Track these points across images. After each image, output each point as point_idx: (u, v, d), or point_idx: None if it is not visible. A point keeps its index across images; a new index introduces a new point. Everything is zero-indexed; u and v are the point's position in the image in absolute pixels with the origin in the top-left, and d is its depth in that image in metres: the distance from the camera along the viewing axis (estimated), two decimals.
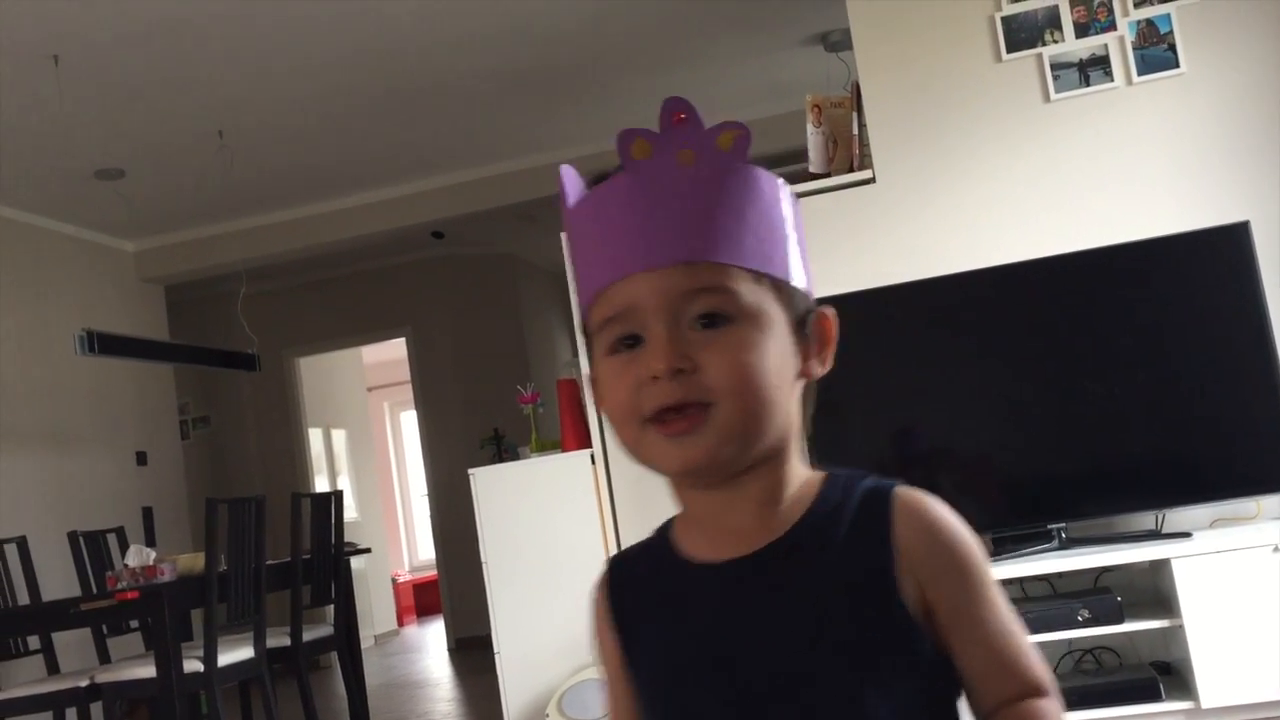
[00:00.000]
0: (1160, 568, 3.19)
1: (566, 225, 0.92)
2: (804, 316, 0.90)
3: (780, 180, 0.90)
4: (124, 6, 4.23)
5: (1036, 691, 0.84)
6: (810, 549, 0.85)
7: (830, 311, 0.92)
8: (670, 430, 0.84)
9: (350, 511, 8.95)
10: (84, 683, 4.15)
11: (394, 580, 10.56)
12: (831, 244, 3.80)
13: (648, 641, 0.91)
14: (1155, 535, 3.29)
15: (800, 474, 0.91)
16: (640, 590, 0.94)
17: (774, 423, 0.85)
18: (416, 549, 12.95)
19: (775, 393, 0.85)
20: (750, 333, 0.84)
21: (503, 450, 6.17)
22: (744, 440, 0.84)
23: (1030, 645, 0.86)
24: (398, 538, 12.75)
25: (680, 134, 0.86)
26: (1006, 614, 0.86)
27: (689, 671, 0.87)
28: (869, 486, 0.89)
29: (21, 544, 4.90)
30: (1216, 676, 3.03)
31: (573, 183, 0.92)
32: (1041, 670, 0.85)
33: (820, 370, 0.91)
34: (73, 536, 5.09)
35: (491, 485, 4.26)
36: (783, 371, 0.86)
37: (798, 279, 0.90)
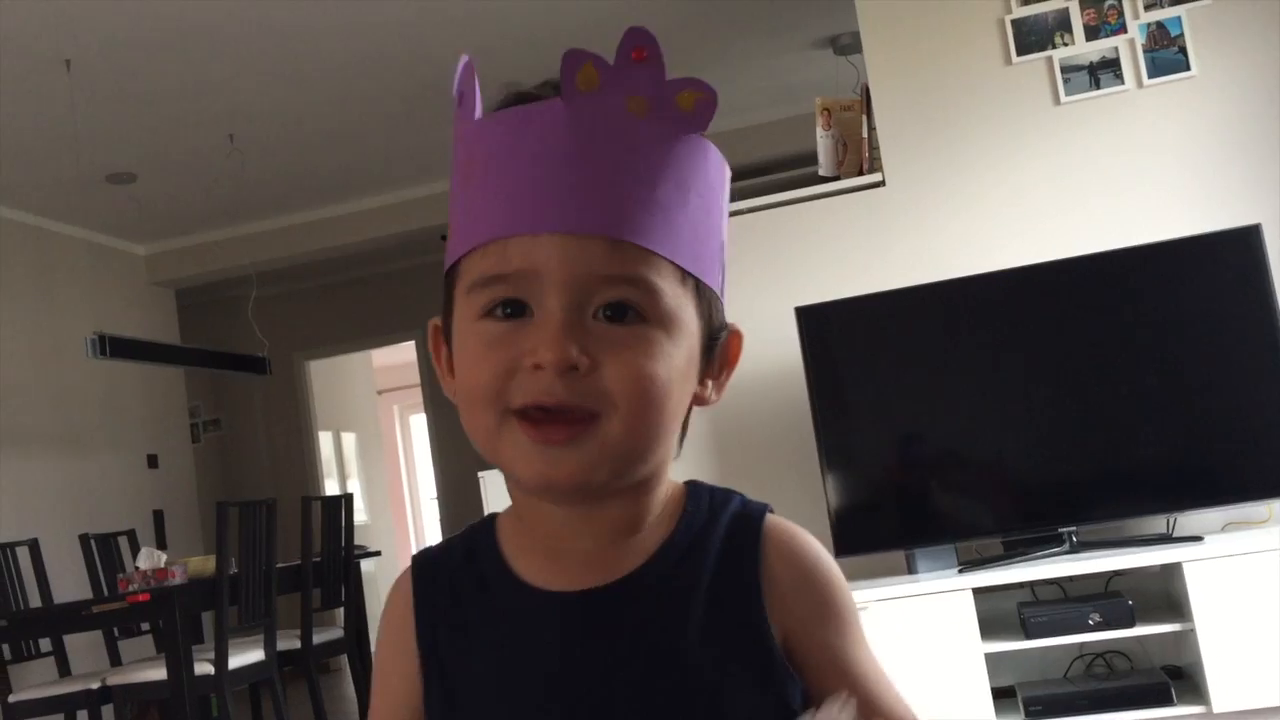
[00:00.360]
0: (1171, 571, 3.18)
1: (460, 136, 0.75)
2: (716, 333, 0.77)
3: (727, 167, 0.77)
4: (136, 11, 4.25)
5: None
6: (671, 584, 0.74)
7: (741, 332, 0.79)
8: (542, 437, 0.69)
9: (360, 514, 8.95)
10: (95, 685, 4.16)
11: None
12: (841, 247, 3.80)
13: (462, 678, 0.76)
14: (1166, 539, 3.27)
15: (664, 491, 0.77)
16: (456, 611, 0.77)
17: (659, 449, 0.73)
18: None
19: (670, 417, 0.72)
20: (661, 340, 0.71)
21: None
22: (624, 465, 0.71)
23: (895, 684, 0.79)
24: (407, 541, 12.76)
25: (638, 75, 0.71)
26: (873, 654, 0.79)
27: None
28: (737, 511, 0.77)
29: (33, 546, 4.92)
30: (1228, 681, 3.01)
31: (467, 78, 0.74)
32: (907, 709, 0.78)
33: (714, 398, 0.78)
34: (84, 539, 5.10)
35: (501, 488, 4.24)
36: (682, 393, 0.73)
37: (718, 287, 0.77)
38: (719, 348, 0.77)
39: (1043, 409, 3.42)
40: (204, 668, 4.07)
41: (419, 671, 0.77)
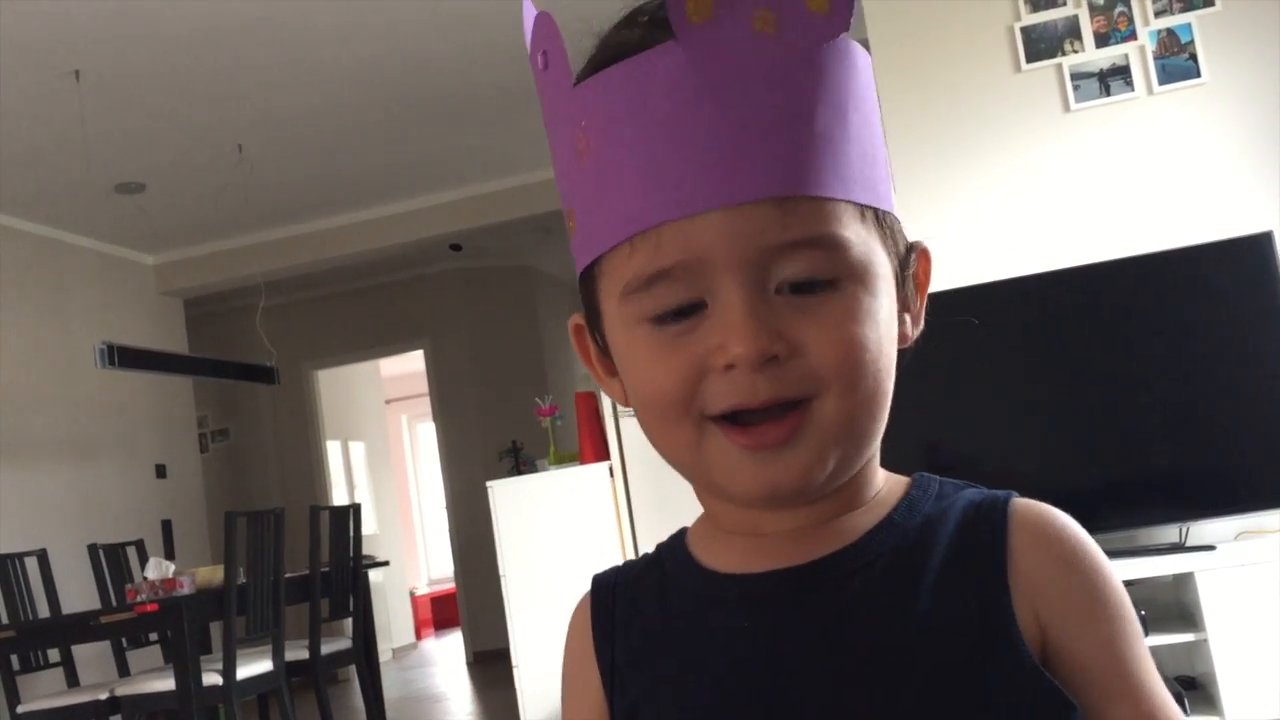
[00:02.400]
0: (1184, 581, 3.16)
1: (557, 111, 0.63)
2: (905, 261, 0.66)
3: (869, 55, 0.64)
4: (145, 22, 4.26)
5: None
6: (890, 563, 0.63)
7: (928, 249, 0.69)
8: (757, 441, 0.60)
9: (368, 524, 8.96)
10: (103, 695, 4.16)
11: (412, 593, 10.56)
12: None
13: (650, 689, 0.67)
14: (1179, 548, 3.25)
15: (879, 474, 0.70)
16: (637, 617, 0.70)
17: (882, 420, 0.65)
18: (434, 562, 12.96)
19: (887, 380, 0.64)
20: (860, 296, 0.61)
21: (521, 463, 6.17)
22: (851, 447, 0.63)
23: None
24: (415, 551, 12.76)
25: None
26: (1154, 668, 0.66)
27: None
28: (974, 498, 0.67)
29: (42, 557, 4.92)
30: (1242, 691, 2.99)
31: (549, 33, 0.63)
32: None
33: (914, 331, 0.68)
34: (92, 549, 5.11)
35: (510, 498, 4.25)
36: (892, 348, 0.64)
37: (892, 204, 0.65)
38: (909, 275, 0.67)
39: (1053, 417, 3.40)
40: (212, 678, 4.07)
41: (603, 692, 0.70)
